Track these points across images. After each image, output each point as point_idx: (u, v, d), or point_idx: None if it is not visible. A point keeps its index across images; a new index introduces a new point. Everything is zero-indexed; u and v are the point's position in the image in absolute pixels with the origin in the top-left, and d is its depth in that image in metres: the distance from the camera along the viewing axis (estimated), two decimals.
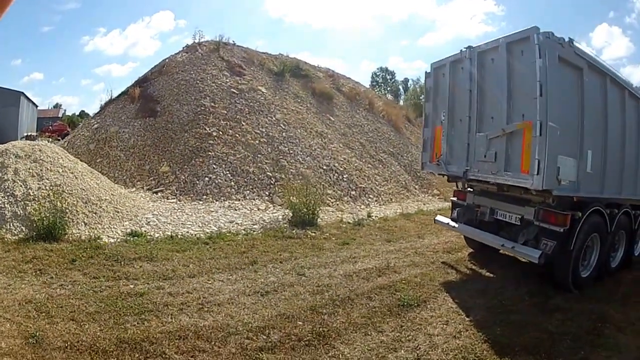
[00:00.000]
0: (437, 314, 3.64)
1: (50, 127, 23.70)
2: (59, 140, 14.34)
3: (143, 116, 9.05)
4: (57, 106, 44.96)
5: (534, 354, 2.99)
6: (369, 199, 9.50)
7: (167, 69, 10.33)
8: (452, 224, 5.54)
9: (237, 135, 8.82)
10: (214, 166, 7.92)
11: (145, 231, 5.30)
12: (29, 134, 19.39)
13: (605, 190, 4.89)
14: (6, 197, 5.07)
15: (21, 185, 5.23)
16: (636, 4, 71.26)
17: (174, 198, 7.28)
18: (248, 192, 7.76)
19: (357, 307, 3.54)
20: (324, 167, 9.46)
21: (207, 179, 7.67)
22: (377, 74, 42.61)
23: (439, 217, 5.87)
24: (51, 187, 5.28)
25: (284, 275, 4.11)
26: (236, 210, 6.90)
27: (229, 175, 7.90)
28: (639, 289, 4.80)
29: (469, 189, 5.54)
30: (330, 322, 3.15)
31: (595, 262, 4.94)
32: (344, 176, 9.61)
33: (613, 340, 3.33)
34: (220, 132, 8.72)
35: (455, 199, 5.71)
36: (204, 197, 7.33)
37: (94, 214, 5.37)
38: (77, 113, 36.89)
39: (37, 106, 29.97)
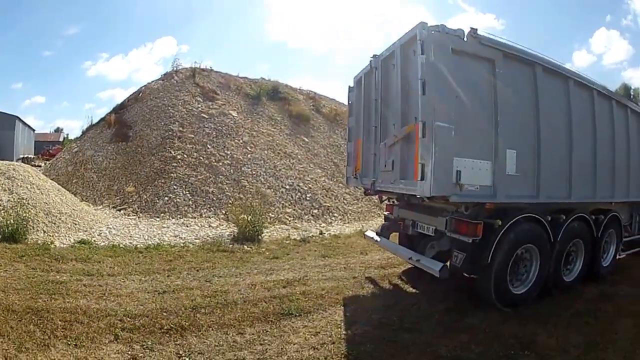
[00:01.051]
0: (314, 325, 3.91)
1: (49, 151, 26.41)
2: None
3: (116, 141, 10.72)
4: (58, 130, 49.23)
5: None
6: (333, 218, 10.56)
7: (143, 96, 12.12)
8: (376, 238, 5.77)
9: (201, 158, 10.25)
10: (175, 187, 9.30)
11: (93, 240, 6.59)
12: (26, 156, 21.87)
13: (544, 194, 4.70)
14: None
15: None
16: (631, 5, 72.73)
17: (134, 215, 8.65)
18: (205, 210, 9.04)
19: (235, 311, 4.09)
20: (287, 187, 10.69)
21: (166, 198, 9.03)
22: None
23: (368, 232, 6.19)
24: (19, 200, 6.76)
25: (192, 280, 5.06)
26: (187, 226, 8.16)
27: (188, 195, 9.24)
28: (598, 306, 4.66)
29: (395, 201, 5.75)
30: (199, 320, 3.81)
31: (535, 276, 4.76)
32: (308, 195, 10.78)
33: None
34: (185, 155, 10.19)
35: (387, 212, 5.97)
36: (162, 214, 8.65)
37: (52, 224, 6.76)
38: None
39: (34, 130, 33.39)
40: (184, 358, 3.18)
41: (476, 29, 4.20)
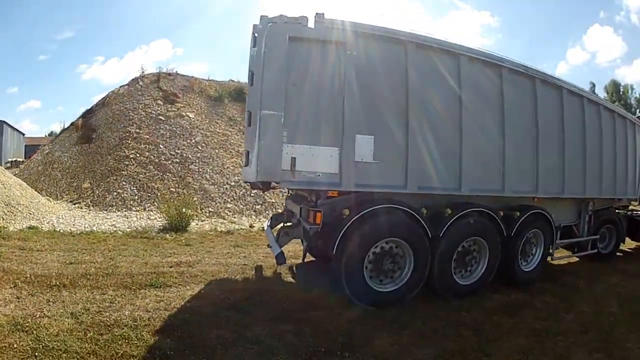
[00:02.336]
0: (163, 295, 4.92)
1: None
2: None
3: (81, 142, 13.09)
4: (52, 134, 53.71)
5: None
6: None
7: (109, 101, 14.47)
8: (266, 227, 6.67)
9: (152, 157, 12.44)
10: (124, 183, 11.53)
11: (41, 227, 8.86)
12: (15, 159, 25.04)
13: (415, 184, 4.75)
14: None
15: None
16: (623, 1, 73.63)
17: (86, 208, 10.92)
18: (149, 204, 11.20)
19: (112, 279, 5.46)
20: (231, 184, 12.71)
21: (115, 193, 11.27)
22: None
23: (265, 224, 7.21)
24: None
25: (99, 257, 6.86)
26: (127, 218, 10.32)
27: (135, 190, 11.45)
28: (494, 318, 4.59)
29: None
30: (80, 282, 5.26)
31: (409, 275, 4.79)
32: (253, 192, 12.73)
33: None
34: (138, 155, 12.40)
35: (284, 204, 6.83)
36: (110, 207, 10.88)
37: (10, 213, 9.07)
38: None
39: (23, 134, 37.24)
40: (50, 303, 4.78)
41: (322, 14, 4.39)
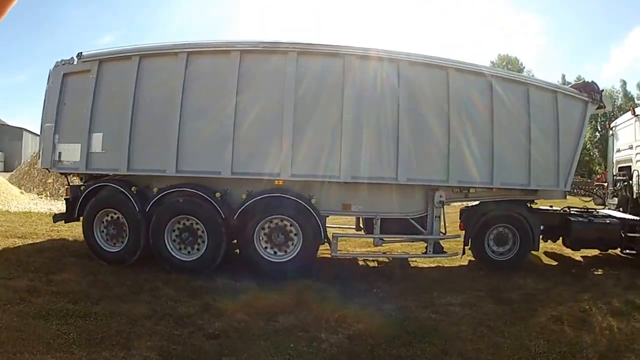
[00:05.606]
0: (17, 241, 8.77)
1: None
2: None
3: None
4: None
5: None
6: None
7: None
8: None
9: None
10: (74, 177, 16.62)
11: (2, 209, 14.11)
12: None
13: (125, 167, 6.85)
14: None
15: None
16: None
17: (46, 198, 16.18)
18: None
19: (4, 234, 10.04)
20: None
21: (66, 185, 16.37)
22: None
23: None
24: None
25: (12, 224, 11.53)
26: None
27: None
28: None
29: None
30: None
31: (127, 240, 6.98)
32: None
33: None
34: None
35: None
36: (61, 197, 16.00)
37: None
38: None
39: None
40: None
41: (81, 53, 7.01)
